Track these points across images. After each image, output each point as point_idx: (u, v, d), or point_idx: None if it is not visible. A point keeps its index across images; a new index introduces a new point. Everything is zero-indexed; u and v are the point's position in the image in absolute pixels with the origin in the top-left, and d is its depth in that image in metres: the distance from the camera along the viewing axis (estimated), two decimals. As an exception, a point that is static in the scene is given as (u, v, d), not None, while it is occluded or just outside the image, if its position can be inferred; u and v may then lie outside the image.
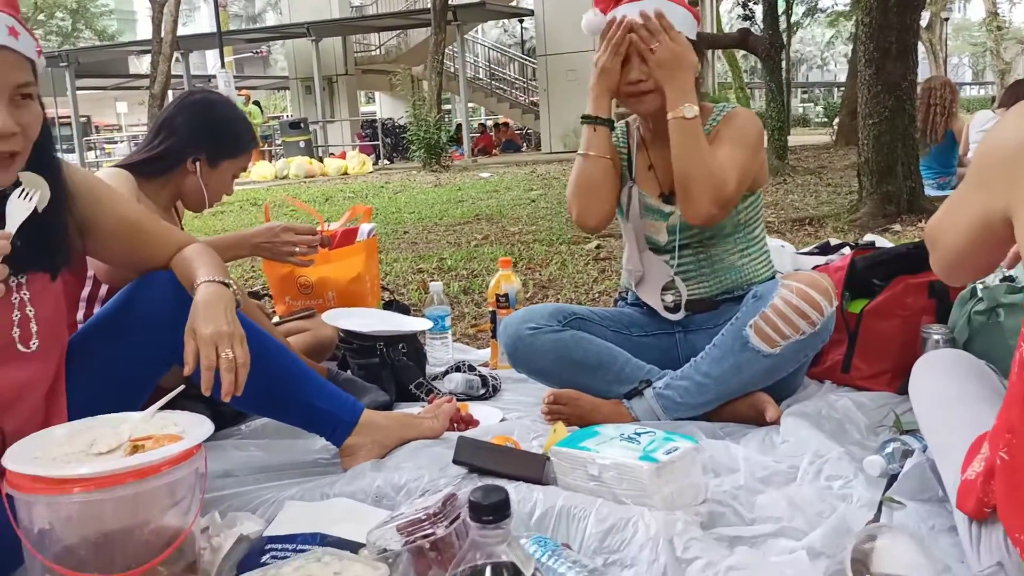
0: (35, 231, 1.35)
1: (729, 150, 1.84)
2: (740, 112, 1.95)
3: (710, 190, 1.79)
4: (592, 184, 1.94)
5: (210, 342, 1.35)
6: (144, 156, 2.00)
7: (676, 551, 1.23)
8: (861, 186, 5.29)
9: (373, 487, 1.51)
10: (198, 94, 2.13)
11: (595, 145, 1.93)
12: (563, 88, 16.98)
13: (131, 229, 1.54)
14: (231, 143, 2.08)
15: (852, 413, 1.81)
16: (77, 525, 1.18)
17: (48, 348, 1.41)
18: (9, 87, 1.24)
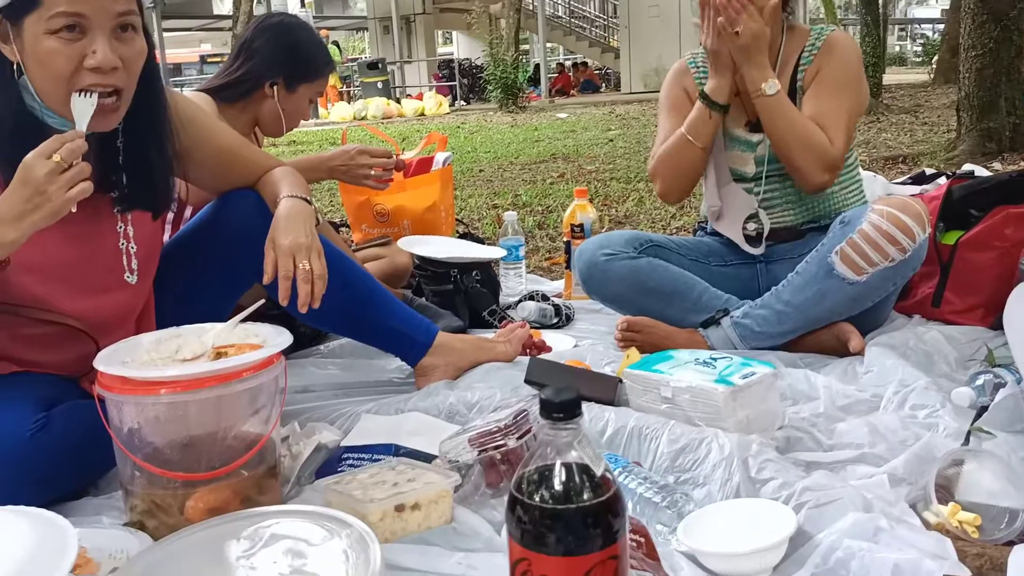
0: (141, 171, 1.38)
1: (833, 100, 1.80)
2: (839, 39, 1.87)
3: (816, 159, 1.77)
4: (686, 170, 1.92)
5: (288, 253, 1.37)
6: (223, 80, 2.03)
7: (750, 471, 1.21)
8: (960, 123, 5.01)
9: (446, 404, 1.52)
10: (275, 17, 2.12)
11: (702, 135, 1.87)
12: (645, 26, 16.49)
13: (227, 156, 1.56)
14: (308, 67, 2.07)
15: (941, 346, 1.74)
16: (164, 426, 1.23)
17: (144, 279, 1.46)
18: (111, 16, 1.22)
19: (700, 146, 1.87)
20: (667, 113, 2.00)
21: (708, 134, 1.87)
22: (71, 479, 1.36)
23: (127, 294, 1.43)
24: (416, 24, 21.08)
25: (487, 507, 1.24)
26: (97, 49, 1.21)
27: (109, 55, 1.21)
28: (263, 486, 1.27)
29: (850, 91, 1.82)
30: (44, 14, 1.19)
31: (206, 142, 1.52)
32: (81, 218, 1.30)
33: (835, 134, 1.78)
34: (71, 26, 1.20)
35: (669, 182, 1.94)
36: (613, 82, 19.88)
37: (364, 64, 17.41)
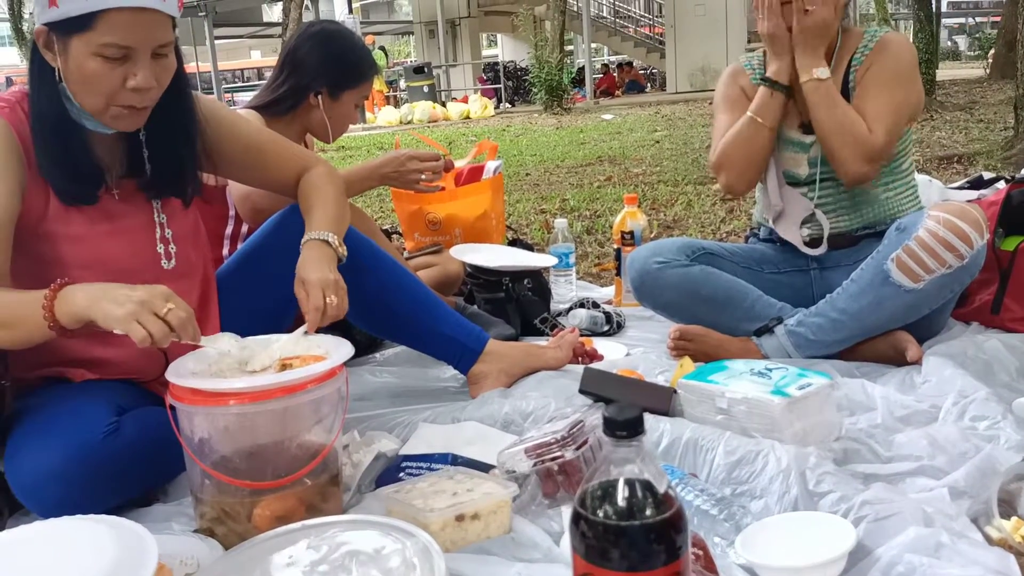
0: (167, 162, 1.46)
1: (880, 97, 1.79)
2: (892, 39, 1.85)
3: (855, 148, 1.76)
4: (756, 154, 1.89)
5: (318, 286, 1.41)
6: (270, 97, 2.06)
7: (808, 484, 1.21)
8: (1018, 120, 4.89)
9: (501, 413, 1.55)
10: (316, 26, 2.14)
11: (769, 114, 1.86)
12: (691, 24, 16.36)
13: (256, 153, 1.62)
14: (350, 73, 2.09)
15: (1001, 355, 1.71)
16: (233, 436, 1.27)
17: (185, 268, 1.52)
18: (153, 46, 1.31)
19: (769, 126, 1.86)
20: (725, 110, 1.98)
21: (775, 114, 1.86)
22: (141, 482, 1.42)
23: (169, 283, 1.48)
24: (461, 27, 21.20)
25: (544, 517, 1.26)
26: (138, 73, 1.30)
27: (150, 79, 1.31)
28: (326, 494, 1.31)
29: (898, 86, 1.80)
30: (95, 39, 1.27)
31: (230, 140, 1.58)
32: (121, 212, 1.43)
33: (876, 124, 1.77)
34: (120, 55, 1.28)
35: (737, 170, 1.90)
36: (659, 82, 19.76)
37: (410, 68, 17.57)
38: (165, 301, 1.23)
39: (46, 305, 1.24)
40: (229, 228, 2.02)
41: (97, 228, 1.41)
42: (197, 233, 1.60)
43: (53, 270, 1.37)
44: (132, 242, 1.46)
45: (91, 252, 1.41)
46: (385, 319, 1.67)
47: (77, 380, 1.45)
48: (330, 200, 1.58)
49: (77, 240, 1.40)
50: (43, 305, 1.24)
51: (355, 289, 1.62)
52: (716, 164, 1.94)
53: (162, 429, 1.28)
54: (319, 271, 1.44)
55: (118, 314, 1.20)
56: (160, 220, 1.49)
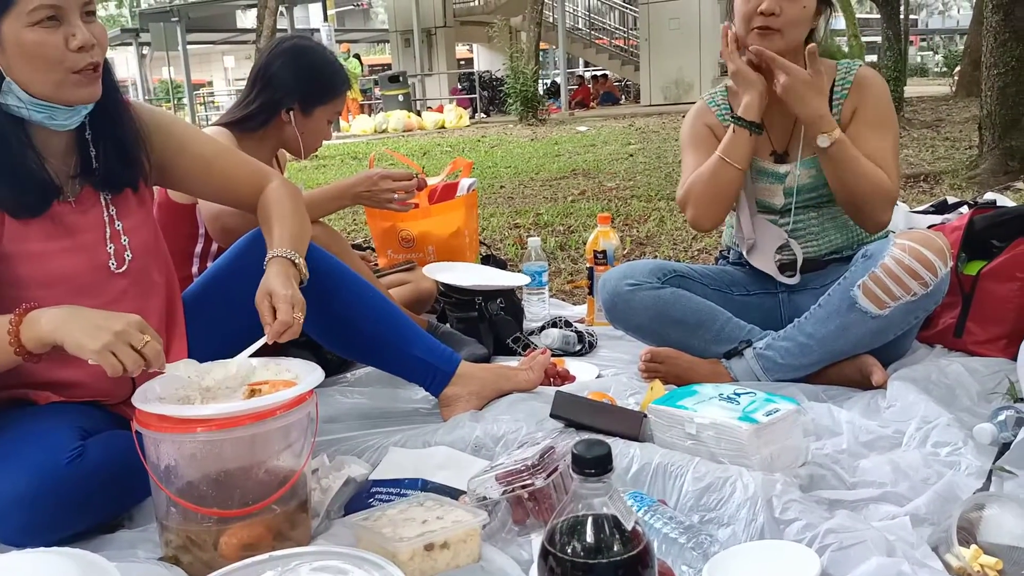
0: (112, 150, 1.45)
1: (880, 140, 1.83)
2: (869, 75, 1.89)
3: (882, 200, 1.80)
4: (723, 193, 1.89)
5: (287, 300, 1.41)
6: (241, 114, 2.04)
7: (774, 512, 1.22)
8: (982, 141, 4.99)
9: (472, 437, 1.55)
10: (288, 41, 2.12)
11: (739, 154, 1.85)
12: (665, 38, 16.51)
13: (208, 165, 1.61)
14: (321, 90, 2.08)
15: (964, 379, 1.74)
16: (200, 463, 1.26)
17: (139, 276, 1.50)
18: (79, 4, 1.32)
19: (739, 167, 1.85)
20: (692, 150, 1.99)
21: (745, 155, 1.85)
22: (106, 508, 1.40)
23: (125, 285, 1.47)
24: (437, 37, 21.22)
25: (514, 545, 1.26)
26: (76, 32, 1.32)
27: (87, 35, 1.33)
28: (295, 521, 1.30)
29: (888, 128, 1.86)
30: (23, 10, 1.28)
31: (184, 151, 1.57)
32: (77, 223, 1.42)
33: (891, 172, 1.81)
34: (51, 16, 1.30)
35: (704, 207, 1.90)
36: (633, 94, 19.90)
37: (385, 77, 17.55)
38: (141, 333, 1.22)
39: (11, 331, 1.23)
40: (199, 246, 2.01)
41: (55, 244, 1.40)
42: (157, 245, 1.57)
43: (12, 291, 1.36)
44: (91, 257, 1.44)
45: (50, 270, 1.39)
46: (356, 341, 1.67)
47: (42, 403, 1.43)
48: (288, 216, 1.58)
49: (35, 258, 1.39)
50: (8, 331, 1.22)
51: (325, 311, 1.63)
52: (682, 200, 1.94)
53: (128, 454, 1.27)
54: (287, 287, 1.44)
55: (93, 346, 1.20)
56: (110, 213, 1.46)
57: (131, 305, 1.47)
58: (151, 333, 1.25)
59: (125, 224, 1.48)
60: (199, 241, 2.00)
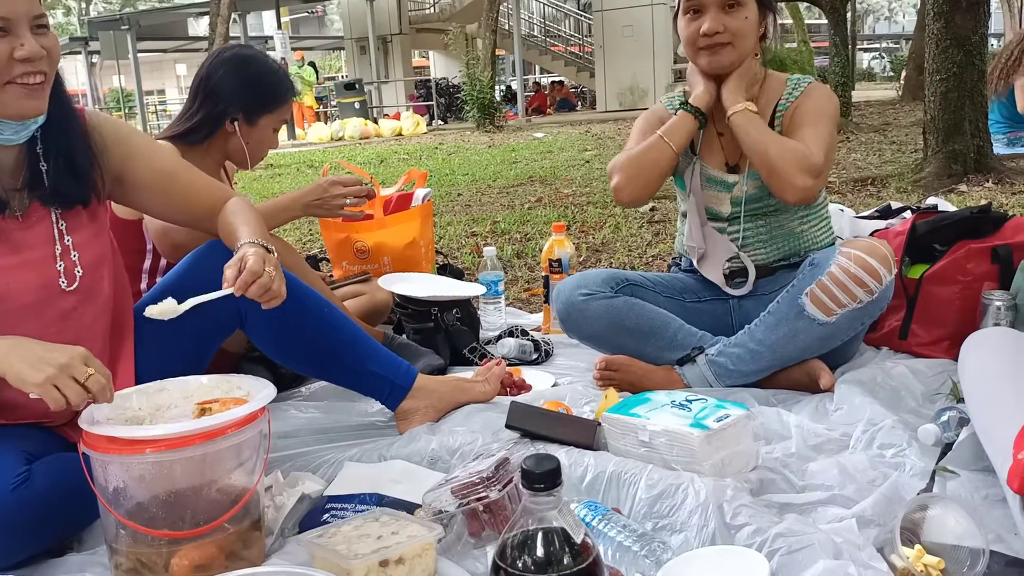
0: (63, 165, 1.43)
1: (812, 128, 1.84)
2: (818, 88, 1.93)
3: (798, 162, 1.76)
4: (656, 172, 1.90)
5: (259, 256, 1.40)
6: (184, 127, 2.02)
7: (725, 517, 1.24)
8: (926, 144, 5.12)
9: (428, 450, 1.55)
10: (228, 51, 2.10)
11: (677, 136, 1.88)
12: (619, 45, 16.68)
13: (168, 179, 1.59)
14: (265, 98, 2.05)
15: (908, 380, 1.79)
16: (149, 484, 1.24)
17: (91, 293, 1.47)
18: (30, 17, 1.32)
19: (674, 148, 1.87)
20: (638, 136, 2.00)
21: (683, 139, 1.88)
22: (54, 532, 1.37)
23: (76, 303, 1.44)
24: (393, 44, 21.16)
25: (470, 557, 1.26)
26: (24, 43, 1.31)
27: (35, 46, 1.32)
28: (248, 540, 1.29)
29: (826, 124, 1.85)
30: None
31: (145, 165, 1.55)
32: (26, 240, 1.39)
33: (814, 147, 1.78)
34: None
35: (627, 177, 1.89)
36: (589, 100, 20.05)
37: (341, 84, 17.44)
38: (85, 366, 1.20)
39: None
40: (147, 262, 1.98)
41: (2, 261, 1.37)
42: (111, 262, 1.55)
43: None
44: (40, 275, 1.41)
45: None
46: (310, 358, 1.66)
47: (-17, 425, 1.40)
48: (254, 221, 1.57)
49: None
50: None
51: (278, 327, 1.61)
52: (611, 168, 1.95)
53: (75, 477, 1.25)
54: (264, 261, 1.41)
55: (36, 379, 1.18)
56: (60, 227, 1.43)
57: (78, 324, 1.45)
58: (96, 366, 1.23)
59: (76, 239, 1.46)
60: (147, 257, 1.97)
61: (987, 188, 4.63)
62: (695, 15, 1.85)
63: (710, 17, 1.82)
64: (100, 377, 1.21)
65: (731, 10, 1.82)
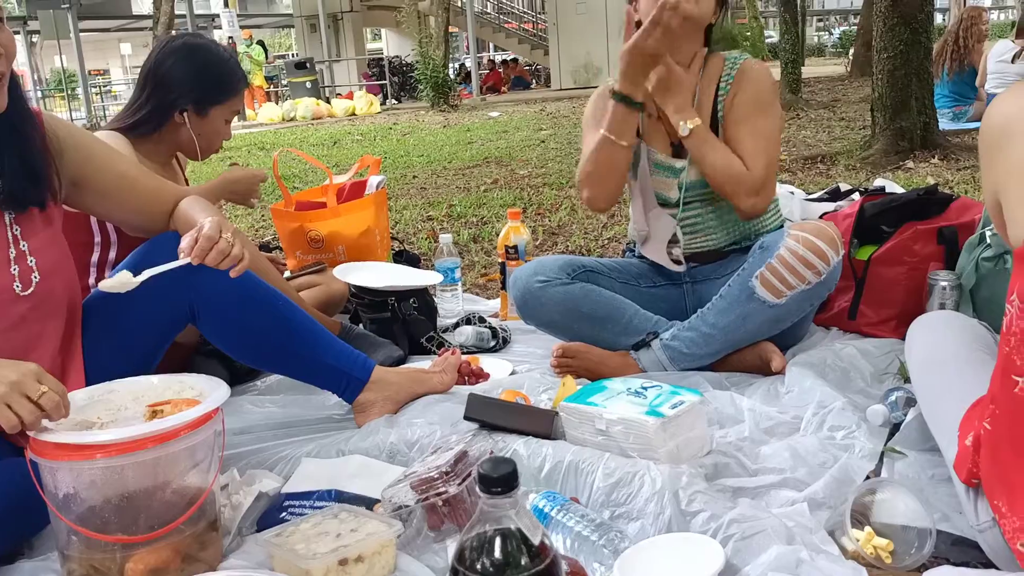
0: (17, 165, 1.39)
1: (751, 129, 1.86)
2: (750, 67, 1.93)
3: (739, 186, 1.83)
4: (613, 172, 1.91)
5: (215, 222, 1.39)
6: (132, 118, 1.97)
7: (681, 504, 1.26)
8: (874, 122, 5.21)
9: (387, 443, 1.54)
10: (177, 40, 2.04)
11: (621, 130, 1.87)
12: (572, 22, 16.64)
13: (127, 182, 1.56)
14: (216, 88, 2.01)
15: (857, 361, 1.83)
16: (100, 489, 1.22)
17: (45, 298, 1.43)
18: None
19: (623, 143, 1.87)
20: (591, 130, 2.00)
21: (626, 130, 1.87)
22: (3, 539, 1.34)
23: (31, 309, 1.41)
24: (344, 22, 20.85)
25: (429, 552, 1.27)
26: None
27: None
28: (204, 541, 1.28)
29: (763, 116, 1.88)
30: None
31: (99, 170, 1.52)
32: None
33: (752, 160, 1.83)
34: None
35: (595, 187, 1.92)
36: (543, 78, 20.00)
37: (292, 64, 17.15)
38: (38, 383, 1.17)
39: None
40: (95, 256, 1.93)
41: None
42: (66, 265, 1.51)
43: None
44: None
45: None
46: (265, 353, 1.64)
47: (-74, 432, 1.36)
48: (212, 210, 1.55)
49: None
50: None
51: (233, 323, 1.59)
52: (579, 183, 1.97)
53: (23, 483, 1.22)
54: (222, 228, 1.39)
55: None
56: (14, 232, 1.40)
57: (31, 329, 1.42)
58: (49, 382, 1.19)
59: (31, 244, 1.41)
60: (95, 250, 1.92)
61: (933, 164, 4.73)
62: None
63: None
64: (54, 394, 1.18)
65: None
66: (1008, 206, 1.05)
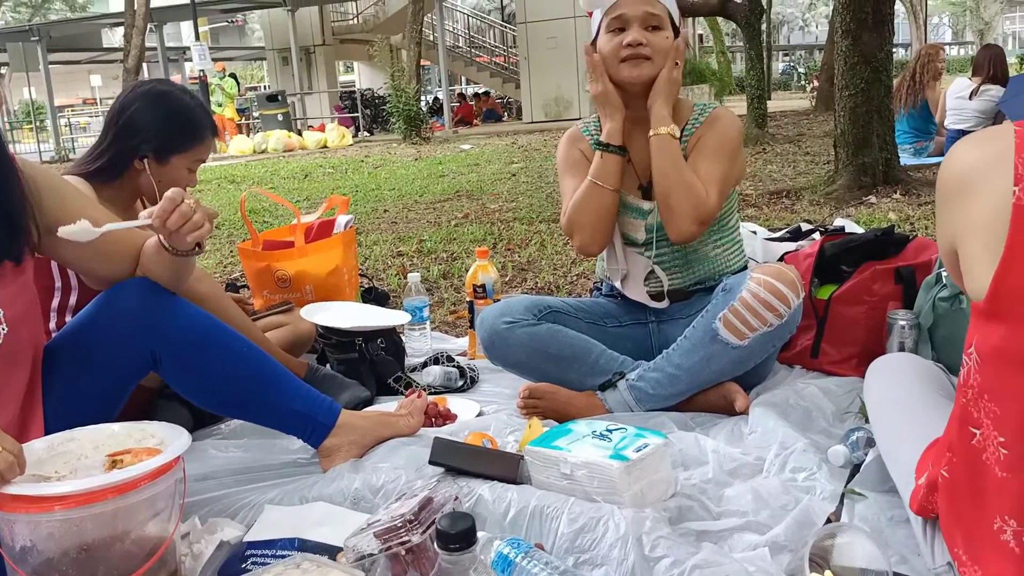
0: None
1: (711, 164, 1.89)
2: (721, 114, 1.97)
3: (690, 208, 1.84)
4: (603, 216, 1.93)
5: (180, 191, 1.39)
6: (94, 164, 1.96)
7: (644, 550, 1.27)
8: (837, 157, 5.32)
9: (351, 489, 1.54)
10: (144, 86, 2.04)
11: (608, 176, 1.91)
12: (544, 56, 16.86)
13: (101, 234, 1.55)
14: (177, 137, 1.99)
15: (819, 400, 1.86)
16: (58, 541, 1.20)
17: (12, 350, 1.41)
18: None
19: (611, 189, 1.91)
20: (568, 175, 2.04)
21: (615, 176, 1.91)
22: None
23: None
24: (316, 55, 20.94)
25: (393, 602, 1.26)
26: None
27: None
28: (164, 593, 1.26)
29: (726, 158, 1.91)
30: None
31: (77, 212, 1.49)
32: None
33: (709, 188, 1.86)
34: None
35: (588, 234, 1.94)
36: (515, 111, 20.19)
37: (263, 96, 17.16)
38: None
39: None
40: (56, 300, 1.91)
41: None
42: (33, 313, 1.49)
43: None
44: None
45: None
46: (228, 398, 1.62)
47: None
48: None
49: None
50: None
51: (195, 369, 1.58)
52: (567, 228, 1.99)
53: (-20, 533, 1.20)
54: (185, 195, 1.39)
55: None
56: None
57: None
58: (6, 443, 1.17)
59: (1, 295, 1.39)
60: (56, 295, 1.91)
61: (895, 200, 4.83)
62: (618, 32, 1.90)
63: (634, 30, 1.87)
64: (8, 455, 1.16)
65: (653, 30, 1.89)
66: (966, 259, 1.04)
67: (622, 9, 1.88)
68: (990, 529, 1.04)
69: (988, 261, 1.00)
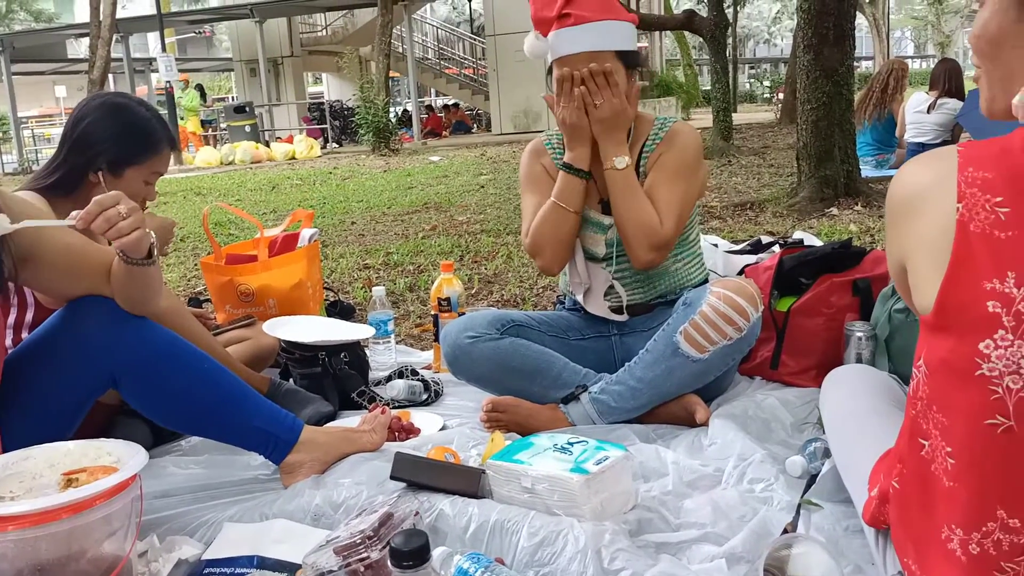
0: None
1: (669, 188, 1.92)
2: (680, 130, 2.00)
3: (647, 239, 1.89)
4: (564, 236, 1.97)
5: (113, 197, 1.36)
6: (50, 179, 1.93)
7: (603, 562, 1.28)
8: (800, 170, 5.40)
9: (312, 506, 1.53)
10: (98, 99, 2.01)
11: (572, 198, 1.94)
12: (512, 68, 16.92)
13: (77, 254, 1.52)
14: (131, 149, 1.96)
15: (778, 411, 1.88)
16: (12, 561, 1.19)
17: None
18: None
19: (573, 211, 1.94)
20: (530, 191, 2.06)
21: (578, 199, 1.94)
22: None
23: None
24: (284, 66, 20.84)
25: (352, 618, 1.26)
26: None
27: None
28: (121, 613, 1.25)
29: (685, 179, 1.94)
30: None
31: (48, 242, 1.48)
32: None
33: (666, 216, 1.90)
34: None
35: (551, 254, 1.98)
36: (484, 122, 20.24)
37: (231, 107, 17.03)
38: None
39: None
40: (12, 317, 1.88)
41: None
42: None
43: None
44: None
45: None
46: (188, 416, 1.61)
47: None
48: None
49: None
50: None
51: (154, 387, 1.57)
52: (530, 249, 2.01)
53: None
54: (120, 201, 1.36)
55: None
56: None
57: None
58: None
59: None
60: (12, 311, 1.88)
61: (856, 211, 4.91)
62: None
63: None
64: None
65: None
66: (914, 275, 1.06)
67: (566, 65, 1.89)
68: (938, 538, 1.06)
69: (934, 276, 1.02)
